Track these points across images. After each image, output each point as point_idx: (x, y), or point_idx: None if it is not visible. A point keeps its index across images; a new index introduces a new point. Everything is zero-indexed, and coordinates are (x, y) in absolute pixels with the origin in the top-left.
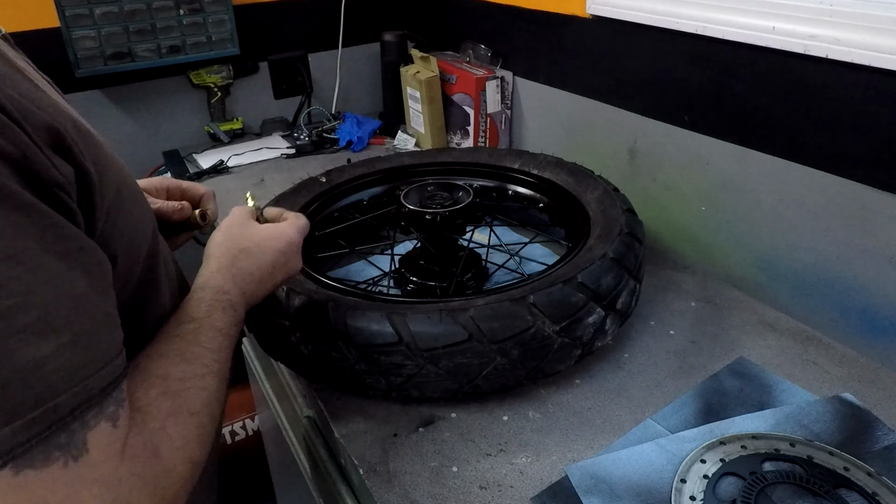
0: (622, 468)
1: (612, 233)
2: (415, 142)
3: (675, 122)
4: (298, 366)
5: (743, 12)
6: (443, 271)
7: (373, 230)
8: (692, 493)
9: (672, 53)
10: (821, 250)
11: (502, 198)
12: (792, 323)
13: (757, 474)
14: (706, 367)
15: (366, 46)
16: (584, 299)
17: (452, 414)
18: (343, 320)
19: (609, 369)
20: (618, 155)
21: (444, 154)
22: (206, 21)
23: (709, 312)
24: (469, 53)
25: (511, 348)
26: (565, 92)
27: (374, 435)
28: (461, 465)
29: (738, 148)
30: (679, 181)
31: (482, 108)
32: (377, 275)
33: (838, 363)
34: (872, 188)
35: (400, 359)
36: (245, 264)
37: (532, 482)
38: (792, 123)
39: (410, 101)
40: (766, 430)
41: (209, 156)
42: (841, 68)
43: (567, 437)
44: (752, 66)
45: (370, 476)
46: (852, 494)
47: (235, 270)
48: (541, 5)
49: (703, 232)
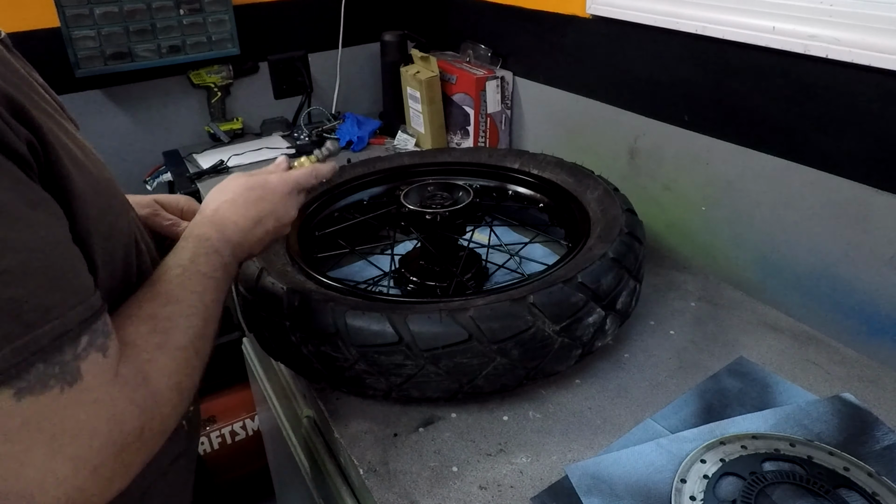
0: (622, 468)
1: (612, 233)
2: (415, 142)
3: (675, 122)
4: (298, 366)
5: (743, 12)
6: (443, 271)
7: (373, 230)
8: (692, 493)
9: (672, 53)
10: (821, 250)
11: (502, 198)
12: (792, 323)
13: (757, 474)
14: (706, 367)
15: (366, 46)
16: (584, 299)
17: (452, 414)
18: (343, 320)
19: (609, 369)
20: (618, 155)
21: (444, 154)
22: (206, 21)
23: (709, 312)
24: (469, 53)
25: (511, 348)
26: (565, 92)
27: (374, 435)
28: (461, 465)
29: (738, 148)
30: (679, 181)
31: (482, 108)
32: (377, 275)
33: (838, 363)
34: (872, 188)
35: (400, 359)
36: (228, 213)
37: (532, 482)
38: (792, 123)
39: (410, 101)
40: (766, 430)
41: (209, 156)
42: (841, 68)
43: (567, 437)
44: (752, 66)
45: (370, 476)
46: (852, 494)
47: (218, 219)
48: (541, 5)
49: (703, 232)
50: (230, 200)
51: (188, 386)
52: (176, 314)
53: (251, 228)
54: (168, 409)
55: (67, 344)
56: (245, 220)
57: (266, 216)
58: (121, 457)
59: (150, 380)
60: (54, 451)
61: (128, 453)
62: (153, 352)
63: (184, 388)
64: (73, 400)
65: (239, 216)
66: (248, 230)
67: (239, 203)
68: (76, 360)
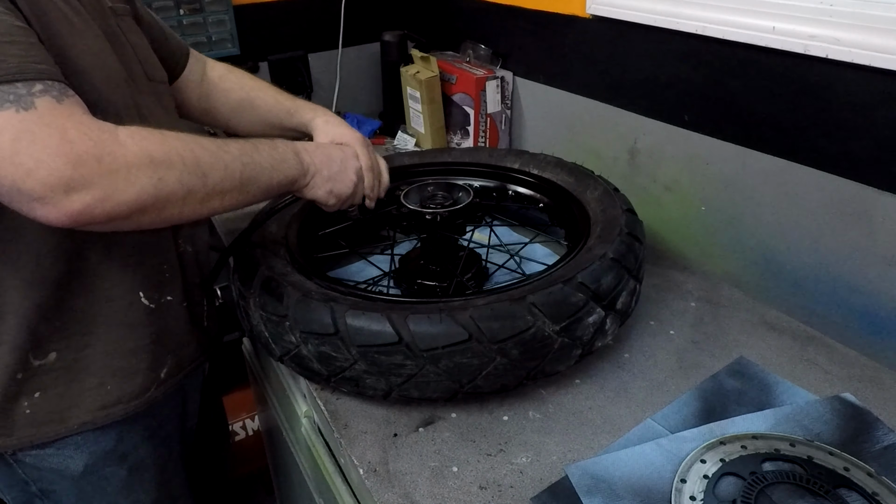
0: (622, 468)
1: (612, 233)
2: (415, 142)
3: (675, 122)
4: (298, 366)
5: (743, 12)
6: (443, 271)
7: (373, 230)
8: (692, 493)
9: (672, 53)
10: (821, 250)
11: (502, 198)
12: (792, 323)
13: (757, 474)
14: (706, 367)
15: (366, 46)
16: (584, 299)
17: (452, 414)
18: (343, 320)
19: (609, 369)
20: (618, 155)
21: (444, 154)
22: (206, 21)
23: (709, 312)
24: (469, 53)
25: (511, 348)
26: (565, 92)
27: (374, 435)
28: (461, 465)
29: (738, 148)
30: (679, 181)
31: (482, 108)
32: (377, 275)
33: (838, 363)
34: (872, 188)
35: (400, 359)
36: (312, 147)
37: (532, 482)
38: (792, 123)
39: (410, 101)
40: (766, 430)
41: None
42: (841, 68)
43: (567, 437)
44: (752, 66)
45: (370, 476)
46: (852, 494)
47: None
48: (541, 5)
49: (703, 232)
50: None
51: (160, 157)
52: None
53: (330, 157)
54: (130, 157)
55: (21, 81)
56: (324, 146)
57: (337, 159)
58: (78, 170)
59: (119, 136)
60: (17, 150)
61: (85, 169)
62: (136, 132)
63: (155, 159)
64: (29, 120)
65: (323, 151)
66: (329, 157)
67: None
68: (30, 95)
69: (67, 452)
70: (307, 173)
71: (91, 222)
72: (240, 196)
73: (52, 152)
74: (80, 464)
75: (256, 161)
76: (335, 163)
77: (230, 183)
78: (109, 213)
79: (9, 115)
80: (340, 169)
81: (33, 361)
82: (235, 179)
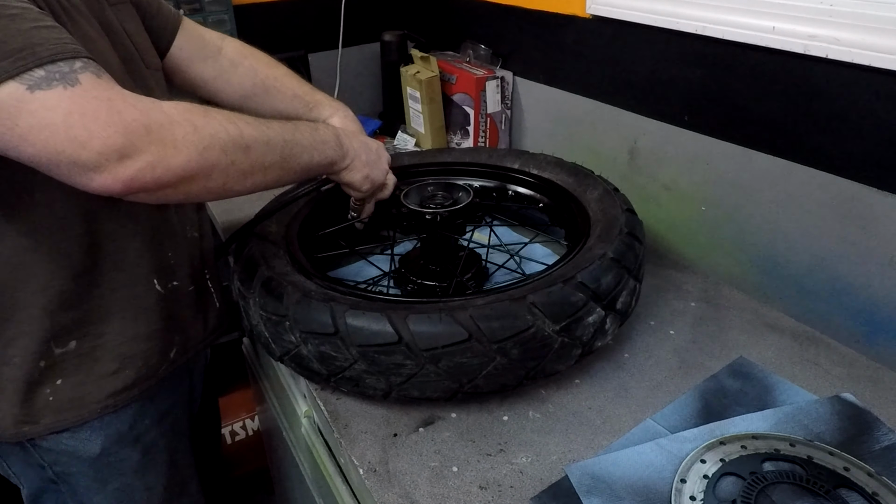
0: (622, 468)
1: (612, 233)
2: (415, 142)
3: (675, 122)
4: (298, 366)
5: (743, 12)
6: (443, 271)
7: (373, 230)
8: (692, 493)
9: (672, 53)
10: (821, 250)
11: (502, 198)
12: (792, 323)
13: (757, 474)
14: (706, 367)
15: (366, 46)
16: (584, 299)
17: (452, 414)
18: (343, 320)
19: (609, 369)
20: (618, 155)
21: (444, 154)
22: (206, 21)
23: (709, 312)
24: (469, 53)
25: (511, 348)
26: (565, 92)
27: (374, 435)
28: (461, 465)
29: (738, 148)
30: (679, 181)
31: (482, 108)
32: (377, 275)
33: (838, 363)
34: (872, 188)
35: (400, 358)
36: (351, 133)
37: (532, 482)
38: (792, 123)
39: (410, 101)
40: (766, 430)
41: None
42: (841, 68)
43: (567, 437)
44: (752, 66)
45: (370, 476)
46: (852, 495)
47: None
48: (541, 5)
49: (703, 232)
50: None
51: (203, 127)
52: (225, 115)
53: (362, 137)
54: (176, 127)
55: (62, 60)
56: (362, 141)
57: (373, 148)
58: (128, 137)
59: (161, 105)
60: (71, 124)
61: (135, 137)
62: (177, 105)
63: (199, 128)
64: (76, 94)
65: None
66: (366, 143)
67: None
68: (73, 72)
69: (84, 435)
70: (346, 156)
71: (143, 188)
72: (281, 172)
73: (103, 123)
74: (96, 447)
75: (297, 140)
76: (372, 151)
77: (272, 158)
78: (159, 179)
79: (58, 93)
80: (377, 157)
81: (55, 350)
82: (277, 155)
